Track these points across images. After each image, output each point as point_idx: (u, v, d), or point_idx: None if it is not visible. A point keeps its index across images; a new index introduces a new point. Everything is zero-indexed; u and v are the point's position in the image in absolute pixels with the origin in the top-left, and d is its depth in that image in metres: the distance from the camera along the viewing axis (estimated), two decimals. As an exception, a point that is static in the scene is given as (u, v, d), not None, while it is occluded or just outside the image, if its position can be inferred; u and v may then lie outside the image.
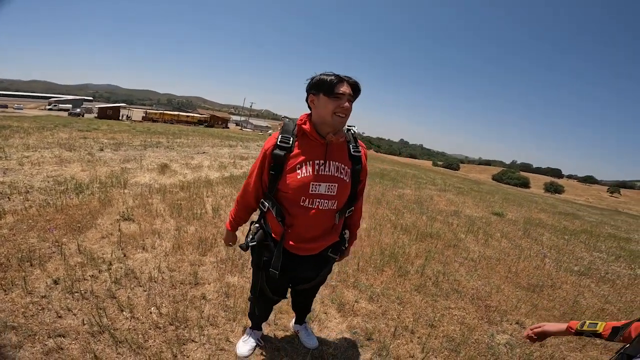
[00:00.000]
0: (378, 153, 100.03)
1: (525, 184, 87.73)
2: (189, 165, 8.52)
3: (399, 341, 2.43)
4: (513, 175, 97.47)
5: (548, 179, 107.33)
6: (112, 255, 3.01)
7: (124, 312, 2.23)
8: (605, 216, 15.03)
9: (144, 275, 2.74)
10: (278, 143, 1.53)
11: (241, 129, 71.33)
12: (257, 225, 1.70)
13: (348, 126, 1.60)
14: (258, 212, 1.75)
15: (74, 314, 2.13)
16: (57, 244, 3.06)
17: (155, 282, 2.69)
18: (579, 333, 1.15)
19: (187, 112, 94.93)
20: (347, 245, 1.81)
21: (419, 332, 2.59)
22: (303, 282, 1.84)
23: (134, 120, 46.86)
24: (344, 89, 1.43)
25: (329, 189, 1.53)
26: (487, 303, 3.26)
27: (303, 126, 1.54)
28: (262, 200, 1.66)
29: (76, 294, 2.35)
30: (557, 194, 73.30)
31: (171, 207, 4.60)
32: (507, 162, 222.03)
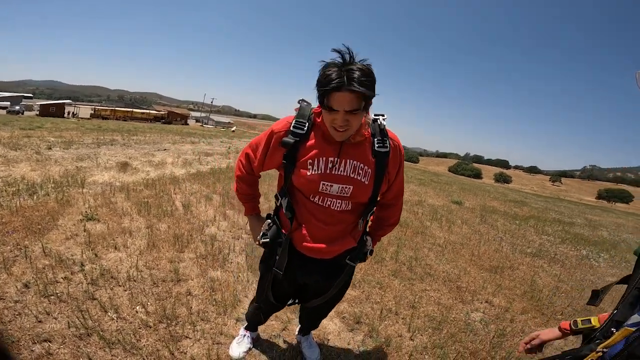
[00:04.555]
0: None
1: (477, 175, 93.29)
2: (152, 163, 8.14)
3: (386, 322, 2.56)
4: (467, 167, 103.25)
5: (498, 169, 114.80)
6: (82, 256, 2.85)
7: (109, 313, 2.14)
8: (549, 203, 16.42)
9: (121, 275, 2.63)
10: (291, 128, 1.29)
11: (202, 125, 68.85)
12: (269, 221, 1.51)
13: (375, 115, 1.34)
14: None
15: (55, 318, 2.01)
16: (19, 247, 2.83)
17: (135, 281, 2.59)
18: (577, 332, 1.09)
19: (142, 108, 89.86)
20: (369, 252, 1.52)
21: (402, 313, 2.73)
22: (314, 294, 1.62)
23: (82, 118, 43.76)
24: (338, 104, 1.11)
25: (342, 190, 1.30)
26: (457, 284, 3.50)
27: (317, 119, 1.30)
28: (276, 193, 1.47)
29: (52, 297, 2.20)
30: (506, 184, 78.75)
31: (138, 205, 4.40)
32: (462, 154, 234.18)
